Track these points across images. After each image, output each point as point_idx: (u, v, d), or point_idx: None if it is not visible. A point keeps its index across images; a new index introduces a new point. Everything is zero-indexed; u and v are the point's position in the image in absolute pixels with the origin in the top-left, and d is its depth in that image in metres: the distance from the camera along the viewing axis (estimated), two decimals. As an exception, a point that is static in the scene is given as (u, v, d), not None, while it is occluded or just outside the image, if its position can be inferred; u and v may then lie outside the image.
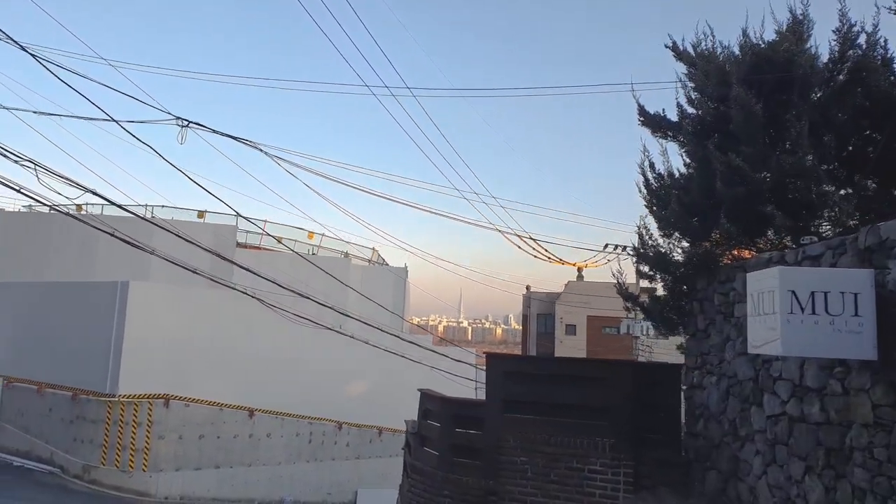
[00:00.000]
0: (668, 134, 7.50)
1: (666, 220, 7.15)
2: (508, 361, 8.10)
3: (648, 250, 7.53)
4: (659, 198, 7.60)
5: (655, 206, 7.47)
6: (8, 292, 24.56)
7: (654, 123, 7.53)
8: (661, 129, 7.47)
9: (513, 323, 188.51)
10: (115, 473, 19.37)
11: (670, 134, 7.48)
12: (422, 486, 8.08)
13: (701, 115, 6.89)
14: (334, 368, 25.64)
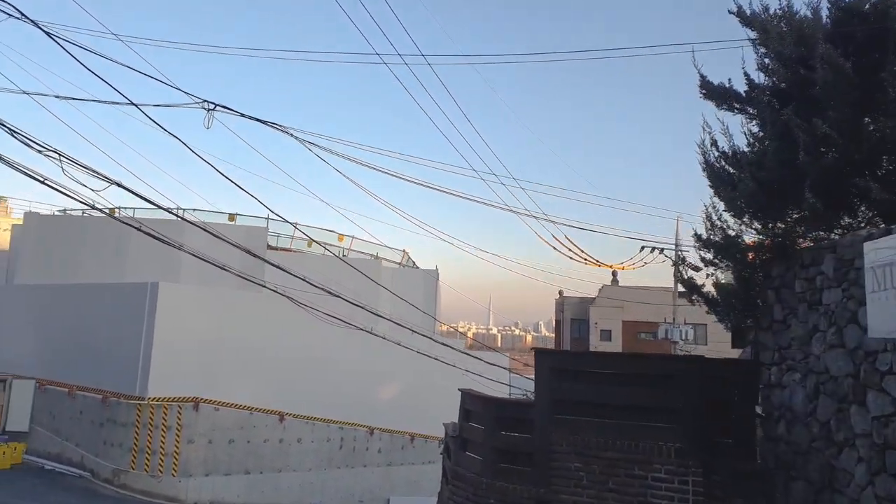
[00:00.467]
0: (734, 106, 6.78)
1: (735, 200, 6.43)
2: (559, 357, 7.40)
3: (713, 235, 6.81)
4: (724, 178, 6.88)
5: (721, 186, 6.74)
6: (41, 294, 24.55)
7: (720, 95, 6.82)
8: (728, 101, 6.76)
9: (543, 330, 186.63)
10: (145, 478, 19.06)
11: (737, 106, 6.76)
12: (464, 494, 7.43)
13: (776, 81, 6.17)
14: (365, 372, 25.13)
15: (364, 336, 26.58)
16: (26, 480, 18.88)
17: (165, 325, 19.60)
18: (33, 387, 22.39)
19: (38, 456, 21.49)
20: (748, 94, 6.53)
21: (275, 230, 30.18)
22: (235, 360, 20.97)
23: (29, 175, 9.07)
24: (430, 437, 27.77)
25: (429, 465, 27.76)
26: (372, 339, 26.99)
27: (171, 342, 19.61)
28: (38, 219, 27.70)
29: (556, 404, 6.94)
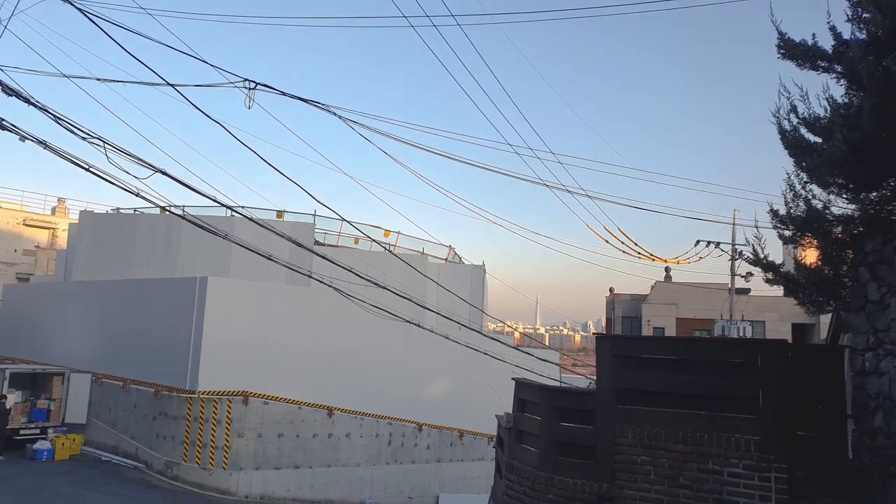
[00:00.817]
0: (819, 65, 6.15)
1: (821, 168, 5.80)
2: (624, 343, 6.89)
3: (794, 209, 6.19)
4: (805, 146, 6.25)
5: (803, 155, 6.12)
6: (95, 290, 25.05)
7: (802, 54, 6.19)
8: (812, 59, 6.13)
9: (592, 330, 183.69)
10: (197, 471, 19.16)
11: (823, 64, 6.12)
12: (520, 489, 6.99)
13: (871, 31, 5.53)
14: (413, 367, 24.88)
15: (411, 331, 26.34)
16: (85, 471, 19.21)
17: (215, 320, 19.68)
18: (90, 380, 22.83)
19: (96, 447, 21.90)
20: (836, 49, 5.90)
21: (322, 227, 30.25)
22: (284, 354, 20.94)
23: (73, 162, 9.01)
24: (479, 433, 27.37)
25: (478, 463, 27.36)
26: (419, 335, 26.71)
27: (220, 336, 19.68)
28: (92, 217, 28.31)
29: (620, 394, 6.44)
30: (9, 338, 29.87)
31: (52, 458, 20.30)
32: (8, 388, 21.46)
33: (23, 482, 17.17)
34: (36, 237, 42.51)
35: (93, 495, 16.24)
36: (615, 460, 6.29)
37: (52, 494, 15.92)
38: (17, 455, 20.28)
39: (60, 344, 25.58)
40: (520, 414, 7.43)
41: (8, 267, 40.76)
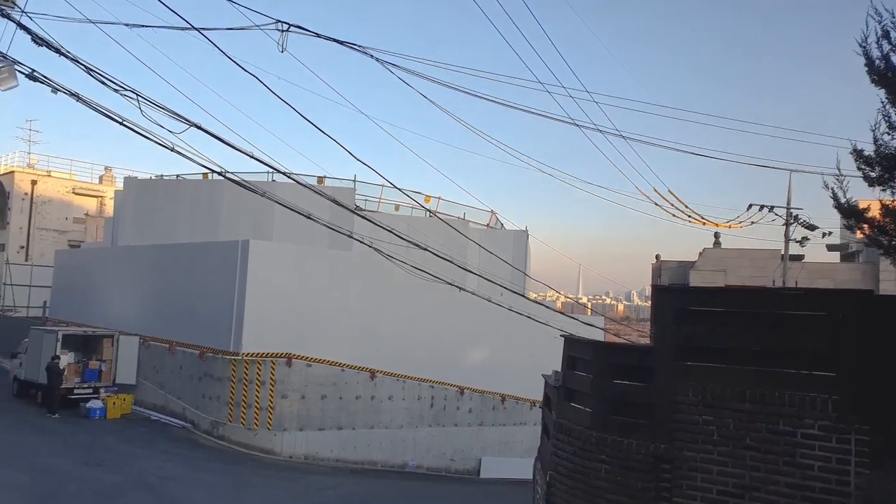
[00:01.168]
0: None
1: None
2: (686, 295, 6.40)
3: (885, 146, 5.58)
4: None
5: (893, 85, 5.48)
6: (140, 255, 25.41)
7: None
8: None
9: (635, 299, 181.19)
10: (242, 431, 19.41)
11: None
12: (569, 449, 6.63)
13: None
14: (455, 332, 24.71)
15: (453, 296, 26.10)
16: (135, 429, 19.67)
17: (257, 283, 19.72)
18: (138, 342, 23.27)
19: (145, 407, 22.40)
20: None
21: (362, 193, 30.05)
22: (326, 318, 20.94)
23: (107, 115, 8.80)
24: (521, 398, 27.20)
25: (520, 427, 27.24)
26: (461, 299, 26.47)
27: (263, 299, 19.73)
28: (136, 183, 28.64)
29: (680, 350, 5.98)
30: (61, 302, 30.72)
31: (105, 416, 20.83)
32: (61, 350, 22.01)
33: (77, 439, 17.62)
34: (85, 205, 43.47)
35: (142, 452, 16.57)
36: (674, 420, 5.86)
37: (103, 451, 16.28)
38: (72, 413, 20.86)
39: (109, 307, 26.14)
40: (569, 372, 7.03)
41: (60, 235, 41.84)
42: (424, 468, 23.38)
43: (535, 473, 8.78)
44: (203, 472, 14.91)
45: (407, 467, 22.73)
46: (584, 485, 6.42)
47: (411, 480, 20.37)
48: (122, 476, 13.59)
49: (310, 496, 13.83)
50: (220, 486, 13.55)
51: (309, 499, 13.52)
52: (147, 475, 13.85)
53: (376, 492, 15.70)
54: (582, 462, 6.47)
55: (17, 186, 40.67)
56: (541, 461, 8.04)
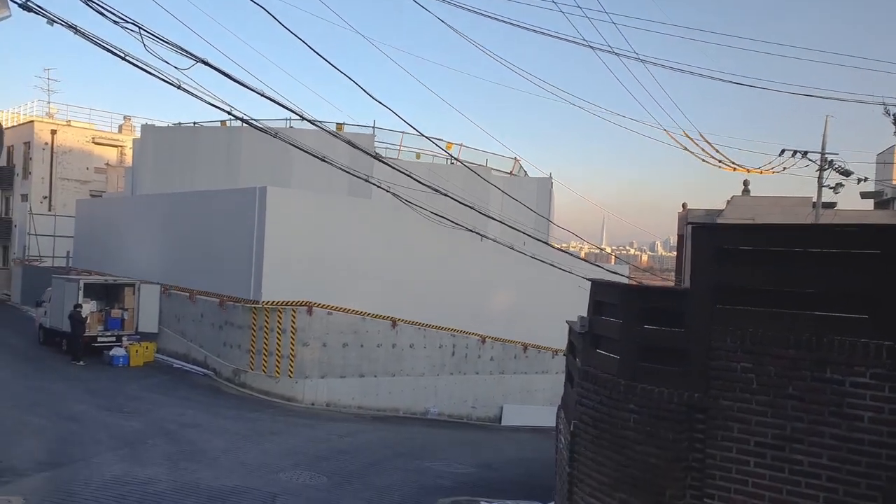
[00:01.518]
0: None
1: None
2: (726, 233, 5.89)
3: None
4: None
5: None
6: (159, 203, 25.28)
7: None
8: None
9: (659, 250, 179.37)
10: (263, 378, 19.47)
11: None
12: (596, 398, 6.28)
13: None
14: (476, 280, 24.41)
15: (475, 244, 25.73)
16: (157, 377, 19.83)
17: (276, 231, 19.46)
18: (158, 291, 23.32)
19: (168, 355, 22.58)
20: None
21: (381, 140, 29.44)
22: (346, 266, 20.70)
23: (107, 49, 8.36)
24: (543, 347, 27.04)
25: (542, 375, 27.15)
26: (483, 248, 26.10)
27: (282, 247, 19.50)
28: (154, 131, 28.36)
29: (718, 291, 5.52)
30: (84, 252, 30.91)
31: (128, 364, 21.03)
32: (83, 298, 22.13)
33: (100, 385, 17.80)
34: (105, 155, 43.42)
35: (164, 399, 16.67)
36: (710, 367, 5.45)
37: (125, 398, 16.40)
38: (96, 361, 21.09)
39: (130, 257, 26.19)
40: (596, 317, 6.63)
41: (81, 185, 41.96)
42: (446, 415, 23.44)
43: (558, 422, 8.50)
44: (223, 419, 14.94)
45: (429, 414, 22.80)
46: (610, 435, 6.08)
47: (433, 427, 20.40)
48: (143, 422, 13.64)
49: (330, 443, 13.78)
50: (240, 433, 13.55)
51: (329, 445, 13.48)
52: (167, 422, 13.89)
53: (397, 439, 15.66)
54: (609, 411, 6.12)
55: (38, 136, 40.65)
56: (564, 410, 7.72)
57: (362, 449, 13.54)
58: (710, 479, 5.42)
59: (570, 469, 6.74)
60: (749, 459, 5.29)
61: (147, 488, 9.06)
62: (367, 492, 10.13)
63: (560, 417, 8.00)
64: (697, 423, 5.55)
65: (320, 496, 9.68)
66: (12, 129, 43.66)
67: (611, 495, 6.09)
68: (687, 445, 5.59)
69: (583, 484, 6.48)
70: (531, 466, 14.21)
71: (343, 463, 11.87)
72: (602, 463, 6.18)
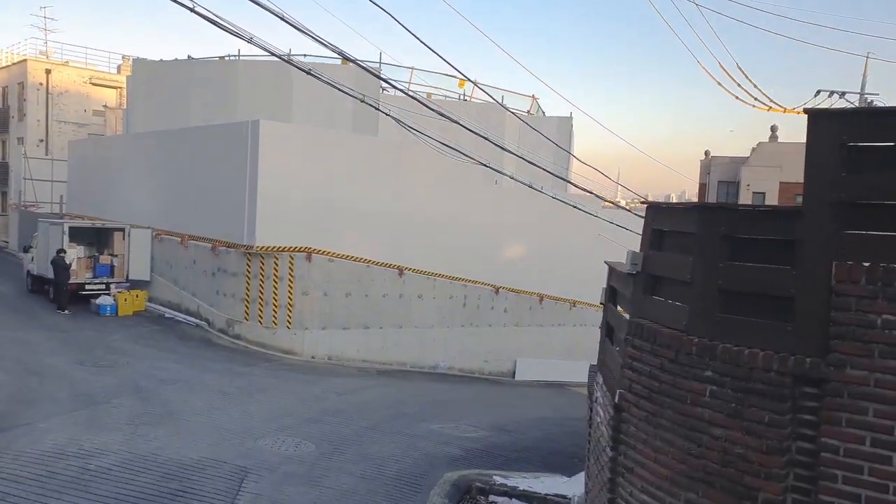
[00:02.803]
0: None
1: None
2: (863, 121, 4.06)
3: None
4: None
5: None
6: (149, 141, 23.59)
7: None
8: None
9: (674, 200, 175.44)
10: (259, 329, 18.03)
11: None
12: (654, 361, 4.60)
13: None
14: (490, 226, 22.68)
15: (488, 187, 23.89)
16: (145, 327, 18.47)
17: (271, 169, 17.70)
18: (150, 236, 21.80)
19: (160, 304, 21.21)
20: None
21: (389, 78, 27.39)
22: (349, 209, 19.01)
23: None
24: (559, 298, 25.43)
25: (558, 328, 25.61)
26: (497, 192, 24.26)
27: (278, 188, 17.78)
28: (146, 65, 26.49)
29: (847, 210, 3.76)
30: (78, 196, 29.43)
31: (116, 313, 19.68)
32: (69, 244, 20.68)
33: (81, 335, 16.44)
34: (104, 97, 41.56)
35: (148, 352, 15.29)
36: (831, 320, 3.73)
37: (106, 350, 15.03)
38: (83, 310, 19.77)
39: (124, 200, 24.65)
40: (655, 252, 4.90)
41: (79, 128, 40.24)
42: (456, 369, 22.05)
43: (592, 387, 6.84)
44: (210, 374, 13.51)
45: (438, 368, 21.41)
46: (674, 412, 4.40)
47: (442, 382, 19.00)
48: (118, 378, 12.23)
49: (326, 402, 12.31)
50: (225, 391, 12.11)
51: (324, 405, 12.02)
52: (145, 377, 12.47)
53: (402, 397, 14.20)
54: (673, 380, 4.43)
55: (31, 76, 38.79)
56: (603, 374, 6.04)
57: (362, 409, 12.07)
58: (827, 482, 3.75)
59: (614, 453, 5.09)
60: (891, 456, 3.61)
61: (89, 462, 7.57)
62: (360, 464, 8.62)
63: (597, 384, 6.34)
64: (808, 401, 3.85)
65: (301, 471, 8.18)
66: (5, 68, 41.87)
67: (674, 493, 4.45)
68: (790, 431, 3.90)
69: (632, 475, 4.83)
70: (550, 429, 12.72)
71: (337, 426, 10.40)
72: (661, 450, 4.53)
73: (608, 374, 5.71)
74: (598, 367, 6.45)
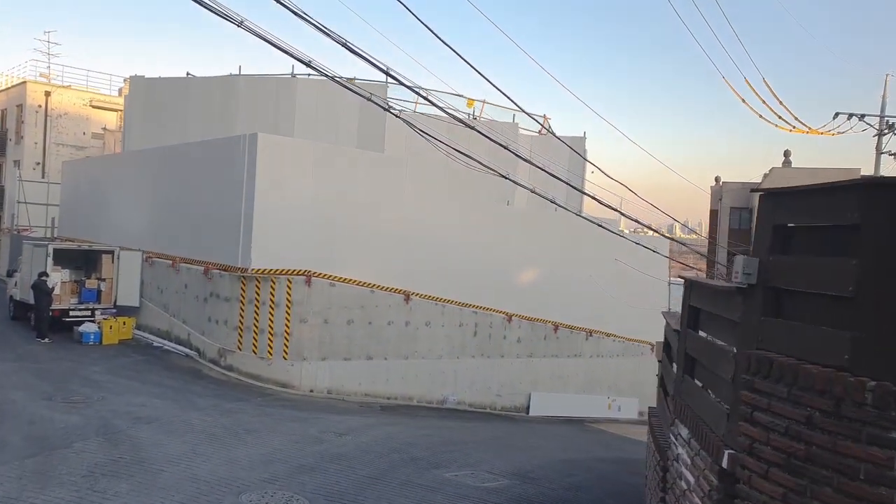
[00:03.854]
0: None
1: None
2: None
3: None
4: None
5: None
6: (144, 160, 22.37)
7: None
8: None
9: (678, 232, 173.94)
10: (253, 360, 16.53)
11: None
12: (796, 413, 3.13)
13: None
14: (502, 250, 21.31)
15: (500, 208, 22.56)
16: (130, 357, 16.99)
17: (268, 186, 16.39)
18: (140, 259, 20.44)
19: (150, 332, 19.76)
20: None
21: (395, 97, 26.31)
22: (352, 230, 17.64)
23: None
24: (575, 327, 23.95)
25: (574, 359, 24.07)
26: (509, 213, 22.91)
27: (275, 206, 16.44)
28: (143, 82, 25.38)
29: None
30: (70, 219, 28.17)
31: (100, 342, 18.23)
32: (52, 267, 19.34)
33: (57, 366, 14.96)
34: (103, 119, 40.61)
35: (129, 385, 13.79)
36: None
37: (81, 382, 13.54)
38: (65, 338, 18.34)
39: (115, 222, 23.37)
40: (782, 257, 3.48)
41: (78, 150, 39.22)
42: (466, 404, 20.45)
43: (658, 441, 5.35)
44: (195, 411, 11.98)
45: (446, 403, 19.82)
46: (837, 491, 2.94)
47: (451, 419, 17.42)
48: (87, 416, 10.72)
49: (324, 444, 10.77)
50: (209, 431, 10.58)
51: (321, 448, 10.47)
52: (119, 415, 10.96)
53: (409, 437, 12.63)
54: (833, 442, 2.96)
55: (31, 98, 37.89)
56: (688, 425, 4.54)
57: (365, 453, 10.53)
58: None
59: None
60: None
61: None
62: (362, 527, 7.09)
63: (677, 436, 4.83)
64: None
65: (289, 538, 6.66)
66: (4, 91, 41.06)
67: None
68: None
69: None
70: (580, 476, 11.13)
71: (336, 475, 8.86)
72: (813, 547, 3.04)
73: (699, 426, 4.22)
74: (676, 413, 4.95)
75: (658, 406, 7.42)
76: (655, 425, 6.74)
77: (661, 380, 7.07)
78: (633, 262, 24.56)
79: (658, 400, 7.48)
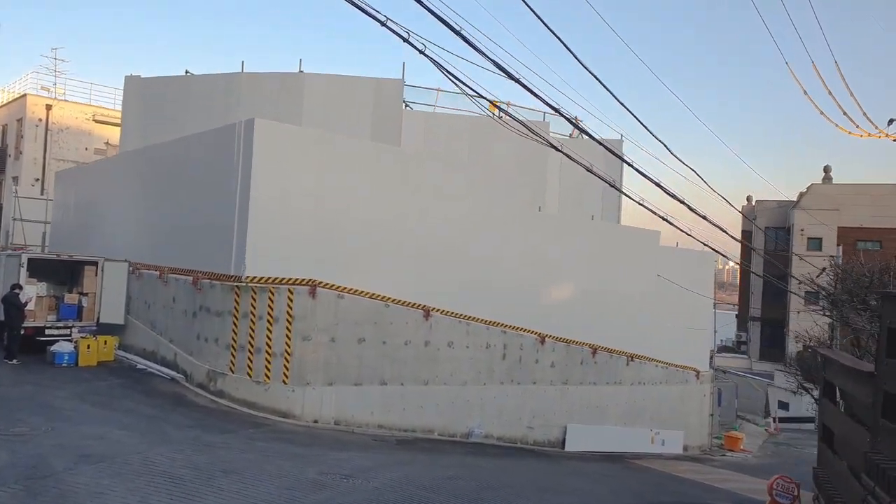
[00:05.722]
0: None
1: None
2: None
3: None
4: None
5: None
6: (135, 163, 20.26)
7: None
8: None
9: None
10: (247, 384, 14.07)
11: None
12: None
13: None
14: (532, 262, 18.87)
15: (531, 217, 20.17)
16: (106, 380, 14.60)
17: (267, 181, 14.10)
18: (126, 270, 18.18)
19: (135, 353, 17.42)
20: None
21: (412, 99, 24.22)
22: (364, 235, 15.30)
23: None
24: (614, 351, 21.33)
25: (614, 387, 21.41)
26: (541, 222, 20.49)
27: (275, 205, 14.15)
28: (139, 82, 23.45)
29: None
30: (62, 233, 26.09)
31: (75, 363, 15.88)
32: (27, 279, 17.12)
33: (15, 391, 12.61)
34: (107, 134, 38.91)
35: (95, 413, 11.38)
36: None
37: (35, 408, 11.15)
38: (37, 359, 16.01)
39: (104, 232, 21.22)
40: None
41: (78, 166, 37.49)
42: (494, 437, 17.84)
43: None
44: (163, 446, 9.51)
45: (472, 436, 17.22)
46: None
47: (480, 456, 14.83)
48: (16, 453, 8.29)
49: (326, 492, 8.25)
50: (171, 473, 8.10)
51: (322, 497, 7.96)
52: (63, 452, 8.52)
53: (431, 481, 10.06)
54: None
55: (31, 112, 36.30)
56: None
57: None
58: None
59: None
60: None
61: None
62: None
63: None
64: None
65: None
66: (4, 106, 39.58)
67: None
68: None
69: None
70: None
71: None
72: None
73: None
74: None
75: (820, 459, 5.10)
76: (822, 479, 4.33)
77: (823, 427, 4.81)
78: (677, 279, 22.05)
79: (821, 454, 5.22)
